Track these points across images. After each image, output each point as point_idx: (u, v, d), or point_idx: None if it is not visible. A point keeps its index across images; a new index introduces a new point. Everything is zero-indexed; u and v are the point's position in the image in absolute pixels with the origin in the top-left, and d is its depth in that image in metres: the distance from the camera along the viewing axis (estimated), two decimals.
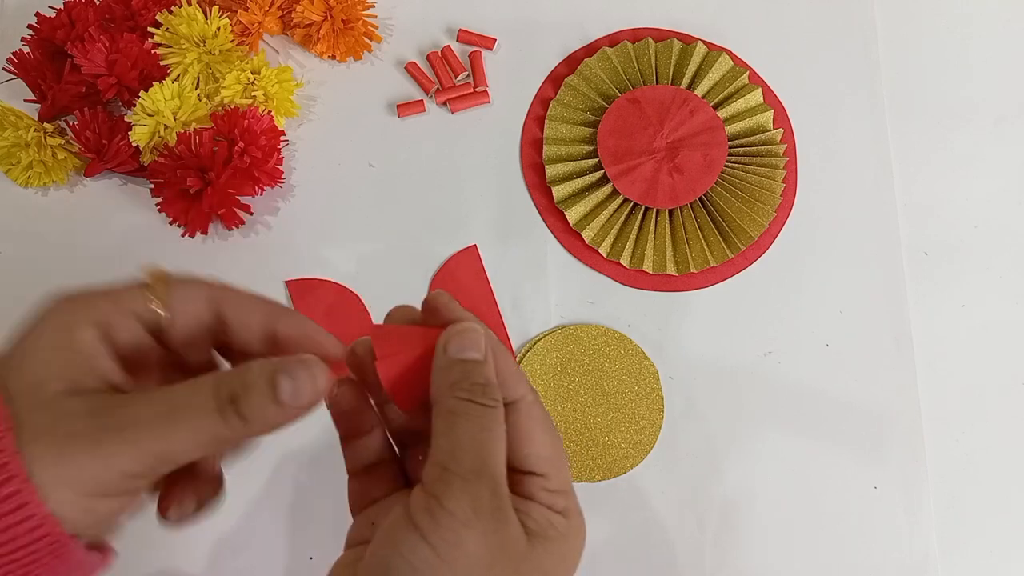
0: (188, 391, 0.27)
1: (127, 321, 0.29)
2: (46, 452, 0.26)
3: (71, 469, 0.25)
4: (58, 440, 0.26)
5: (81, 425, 0.26)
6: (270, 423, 0.28)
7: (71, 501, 0.26)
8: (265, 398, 0.27)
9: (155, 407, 0.27)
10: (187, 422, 0.27)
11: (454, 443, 0.28)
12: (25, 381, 0.27)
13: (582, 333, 0.52)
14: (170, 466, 0.27)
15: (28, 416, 0.26)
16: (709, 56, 0.56)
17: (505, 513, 0.28)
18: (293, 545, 0.49)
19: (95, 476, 0.26)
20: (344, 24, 0.55)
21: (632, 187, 0.53)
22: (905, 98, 0.57)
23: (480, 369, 0.29)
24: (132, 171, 0.54)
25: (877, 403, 0.52)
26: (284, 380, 0.27)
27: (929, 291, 0.54)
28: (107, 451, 0.26)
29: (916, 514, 0.51)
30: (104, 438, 0.26)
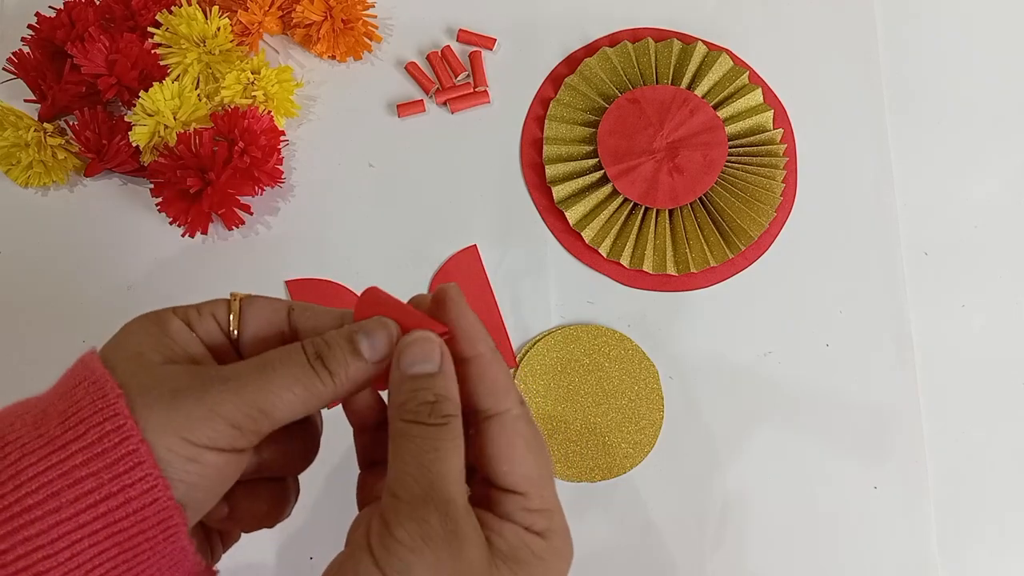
0: (280, 351, 0.29)
1: (207, 322, 0.31)
2: (154, 403, 0.27)
3: (178, 417, 0.27)
4: (165, 394, 0.27)
5: (185, 381, 0.28)
6: (353, 377, 0.29)
7: (179, 448, 0.27)
8: (346, 353, 0.29)
9: (252, 364, 0.29)
10: (283, 373, 0.28)
11: (400, 468, 0.28)
12: (124, 354, 0.29)
13: (582, 333, 0.52)
14: (270, 421, 0.28)
15: (132, 379, 0.28)
16: (709, 56, 0.56)
17: (460, 535, 0.27)
18: (293, 545, 0.49)
19: (201, 423, 0.27)
20: (344, 24, 0.55)
21: (632, 187, 0.53)
22: (905, 98, 0.57)
23: (430, 384, 0.29)
24: (132, 171, 0.54)
25: (877, 403, 0.52)
26: (362, 338, 0.30)
27: (929, 291, 0.54)
28: (212, 399, 0.27)
29: (916, 514, 0.51)
30: (209, 387, 0.28)
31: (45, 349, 0.52)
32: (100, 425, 0.26)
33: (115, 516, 0.26)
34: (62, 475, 0.26)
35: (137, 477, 0.26)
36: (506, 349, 0.52)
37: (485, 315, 0.53)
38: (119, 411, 0.26)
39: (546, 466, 0.30)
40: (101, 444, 0.26)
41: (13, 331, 0.53)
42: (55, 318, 0.53)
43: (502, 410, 0.29)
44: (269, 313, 0.32)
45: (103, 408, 0.27)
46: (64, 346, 0.52)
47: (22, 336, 0.52)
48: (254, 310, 0.32)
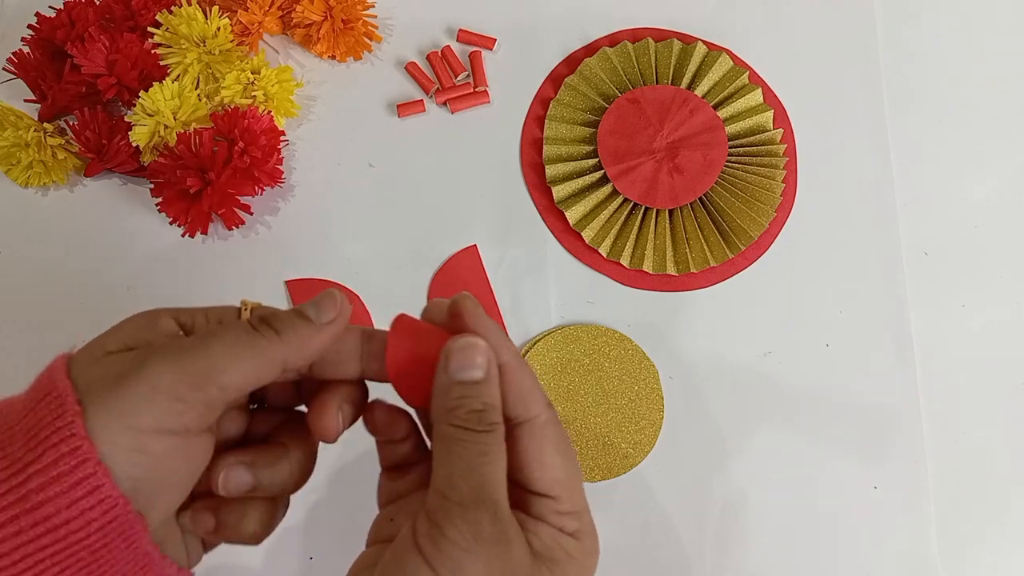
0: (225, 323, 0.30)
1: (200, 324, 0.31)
2: (98, 395, 0.27)
3: (120, 403, 0.26)
4: (109, 382, 0.27)
5: (129, 363, 0.27)
6: (302, 337, 0.29)
7: (122, 440, 0.26)
8: (293, 316, 0.29)
9: (195, 335, 0.29)
10: (223, 339, 0.28)
11: (451, 471, 0.28)
12: (91, 353, 0.28)
13: (582, 333, 0.52)
14: (217, 387, 0.28)
15: (84, 376, 0.27)
16: (709, 56, 0.56)
17: (508, 536, 0.28)
18: (293, 545, 0.49)
19: (143, 403, 0.26)
20: (344, 24, 0.55)
21: (632, 187, 0.53)
22: (905, 98, 0.57)
23: (478, 392, 0.29)
24: (132, 171, 0.54)
25: (877, 403, 0.52)
26: (308, 305, 0.30)
27: (929, 291, 0.54)
28: (150, 372, 0.27)
29: (916, 514, 0.51)
30: (148, 363, 0.27)
31: (45, 349, 0.52)
32: (57, 447, 0.26)
33: (76, 537, 0.26)
34: (19, 500, 0.26)
35: (96, 500, 0.26)
36: None
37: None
38: (76, 431, 0.26)
39: (574, 468, 0.31)
40: (57, 467, 0.26)
41: (13, 331, 0.53)
42: (55, 318, 0.53)
43: (531, 416, 0.30)
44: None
45: (61, 427, 0.26)
46: (64, 346, 0.52)
47: (22, 336, 0.52)
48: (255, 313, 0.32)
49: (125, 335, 0.29)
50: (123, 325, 0.30)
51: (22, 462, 0.26)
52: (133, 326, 0.30)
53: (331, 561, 0.49)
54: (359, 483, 0.50)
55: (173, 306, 0.33)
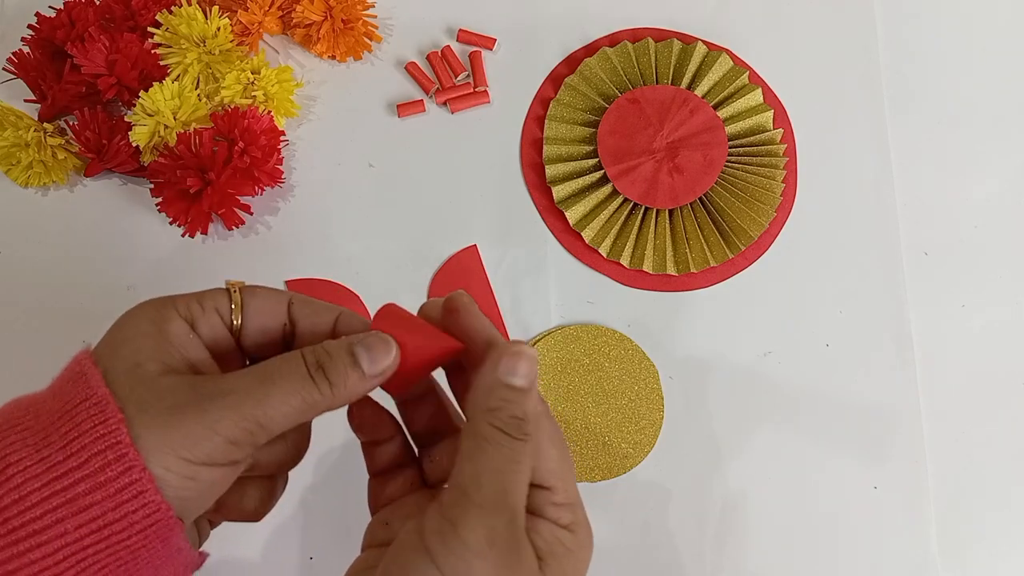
0: (280, 361, 0.30)
1: (210, 317, 0.31)
2: (152, 422, 0.27)
3: (177, 436, 0.27)
4: (163, 412, 0.27)
5: (184, 397, 0.28)
6: (352, 389, 0.30)
7: (176, 468, 0.27)
8: (346, 365, 0.30)
9: (252, 376, 0.29)
10: (283, 386, 0.29)
11: (479, 470, 0.28)
12: (123, 364, 0.29)
13: (582, 333, 0.52)
14: (267, 433, 0.29)
15: (130, 394, 0.28)
16: (709, 56, 0.56)
17: (520, 544, 0.28)
18: (293, 545, 0.49)
19: (200, 442, 0.27)
20: (344, 24, 0.55)
21: (632, 187, 0.53)
22: (905, 98, 0.57)
23: (521, 400, 0.29)
24: (132, 171, 0.54)
25: (877, 403, 0.52)
26: (361, 351, 0.30)
27: (929, 291, 0.54)
28: (211, 417, 0.27)
29: (916, 514, 0.51)
30: (208, 406, 0.28)
31: (45, 349, 0.52)
32: (102, 454, 0.27)
33: (118, 537, 0.27)
34: (67, 502, 0.27)
35: (140, 504, 0.27)
36: None
37: (485, 315, 0.53)
38: (121, 439, 0.27)
39: (567, 460, 0.31)
40: (104, 473, 0.27)
41: (13, 331, 0.53)
42: (55, 318, 0.53)
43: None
44: (271, 305, 0.32)
45: (105, 435, 0.27)
46: (64, 346, 0.52)
47: (22, 336, 0.52)
48: (256, 303, 0.32)
49: (151, 346, 0.29)
50: (129, 330, 0.30)
51: (64, 466, 0.27)
52: (142, 336, 0.30)
53: (331, 561, 0.49)
54: (358, 483, 0.50)
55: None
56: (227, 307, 0.32)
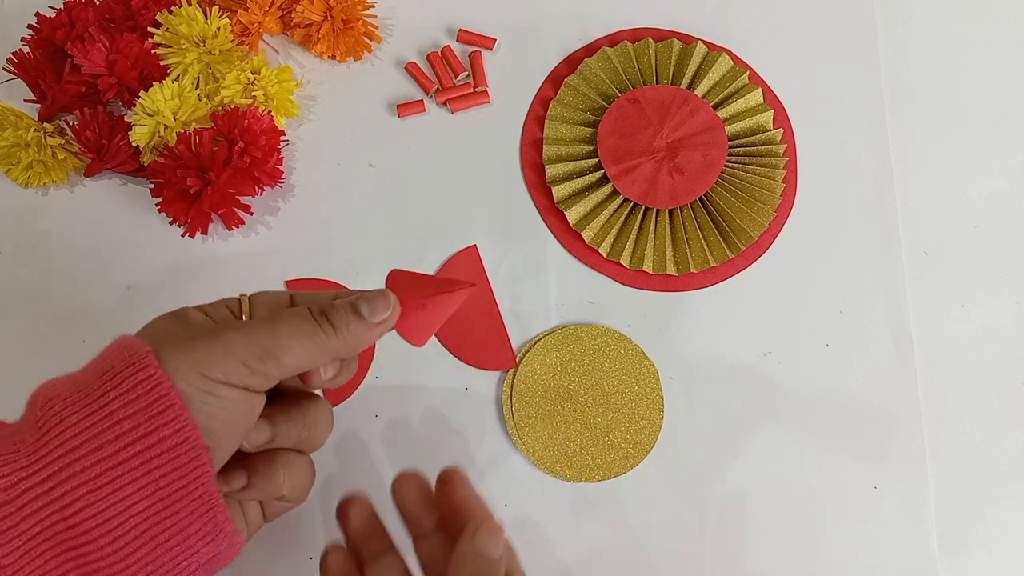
0: (289, 310, 0.34)
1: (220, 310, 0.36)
2: (176, 348, 0.31)
3: (195, 355, 0.31)
4: (184, 340, 0.32)
5: (204, 331, 0.33)
6: (355, 335, 0.34)
7: (197, 383, 0.31)
8: (349, 312, 0.34)
9: (262, 317, 0.34)
10: (288, 323, 0.33)
11: None
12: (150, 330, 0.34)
13: (582, 333, 0.52)
14: (277, 364, 0.32)
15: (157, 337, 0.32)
16: (709, 56, 0.56)
17: None
18: (293, 545, 0.49)
19: (216, 360, 0.31)
20: (344, 24, 0.55)
21: (632, 187, 0.53)
22: (905, 98, 0.57)
23: (493, 569, 0.33)
24: (132, 171, 0.54)
25: (877, 403, 0.52)
26: (363, 303, 0.35)
27: (929, 291, 0.54)
28: (224, 340, 0.32)
29: (916, 514, 0.51)
30: (222, 333, 0.32)
31: (45, 349, 0.52)
32: (133, 376, 0.30)
33: (151, 453, 0.29)
34: (102, 419, 0.29)
35: (170, 418, 0.30)
36: (506, 349, 0.52)
37: (485, 315, 0.53)
38: (149, 363, 0.30)
39: None
40: (135, 391, 0.30)
41: (13, 331, 0.53)
42: (55, 318, 0.53)
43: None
44: (275, 300, 0.37)
45: (135, 362, 0.30)
46: (64, 346, 0.52)
47: (22, 336, 0.52)
48: (262, 299, 0.37)
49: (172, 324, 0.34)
50: (155, 320, 0.34)
51: (100, 390, 0.30)
52: (167, 319, 0.34)
53: None
54: (358, 484, 0.50)
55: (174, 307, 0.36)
56: (236, 305, 0.36)
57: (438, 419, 0.51)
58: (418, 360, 0.52)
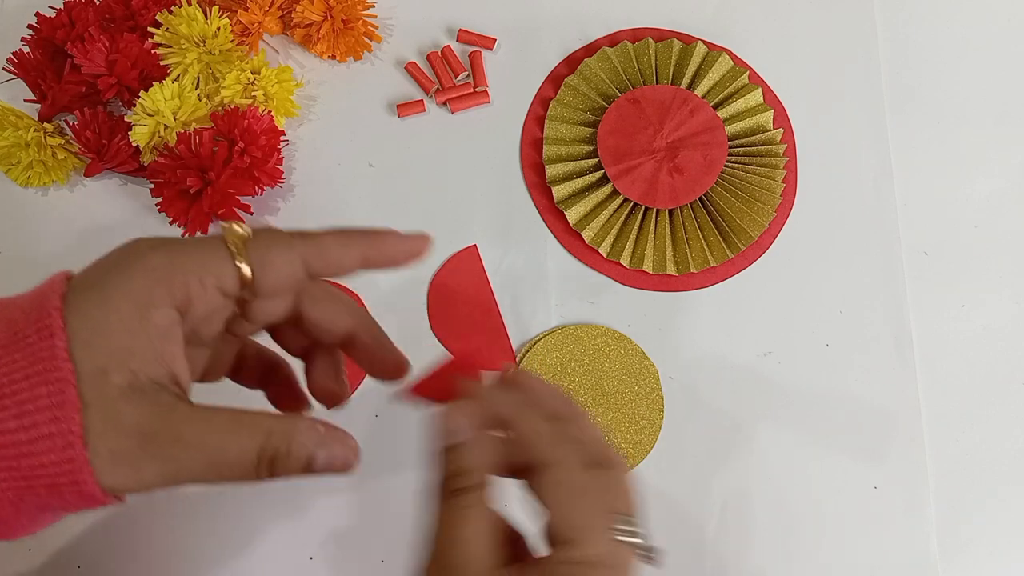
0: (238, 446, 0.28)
1: (208, 294, 0.29)
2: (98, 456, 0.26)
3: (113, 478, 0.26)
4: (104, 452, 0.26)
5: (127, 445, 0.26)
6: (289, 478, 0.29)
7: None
8: (300, 465, 0.29)
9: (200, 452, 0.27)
10: (224, 472, 0.28)
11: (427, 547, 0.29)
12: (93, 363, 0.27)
13: (582, 333, 0.52)
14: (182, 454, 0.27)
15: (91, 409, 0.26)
16: (709, 56, 0.56)
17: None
18: (293, 545, 0.49)
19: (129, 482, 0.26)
20: (344, 24, 0.55)
21: (632, 187, 0.53)
22: (905, 98, 0.57)
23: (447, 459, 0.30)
24: (132, 171, 0.54)
25: (877, 403, 0.52)
26: (322, 454, 0.29)
27: (929, 291, 0.54)
28: (142, 475, 0.27)
29: (916, 514, 0.50)
30: (144, 466, 0.27)
31: None
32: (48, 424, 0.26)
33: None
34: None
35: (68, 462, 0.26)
36: (506, 349, 0.52)
37: (485, 315, 0.53)
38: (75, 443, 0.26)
39: (596, 514, 0.30)
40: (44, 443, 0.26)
41: None
42: None
43: (549, 461, 0.30)
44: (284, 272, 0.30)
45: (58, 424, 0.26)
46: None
47: None
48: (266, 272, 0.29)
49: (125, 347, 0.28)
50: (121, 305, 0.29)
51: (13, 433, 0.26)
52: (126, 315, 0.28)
53: (331, 561, 0.49)
54: (358, 483, 0.50)
55: None
56: (232, 279, 0.29)
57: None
58: (418, 360, 0.52)
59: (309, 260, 0.30)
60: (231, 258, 0.29)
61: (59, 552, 0.49)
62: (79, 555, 0.49)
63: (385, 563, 0.49)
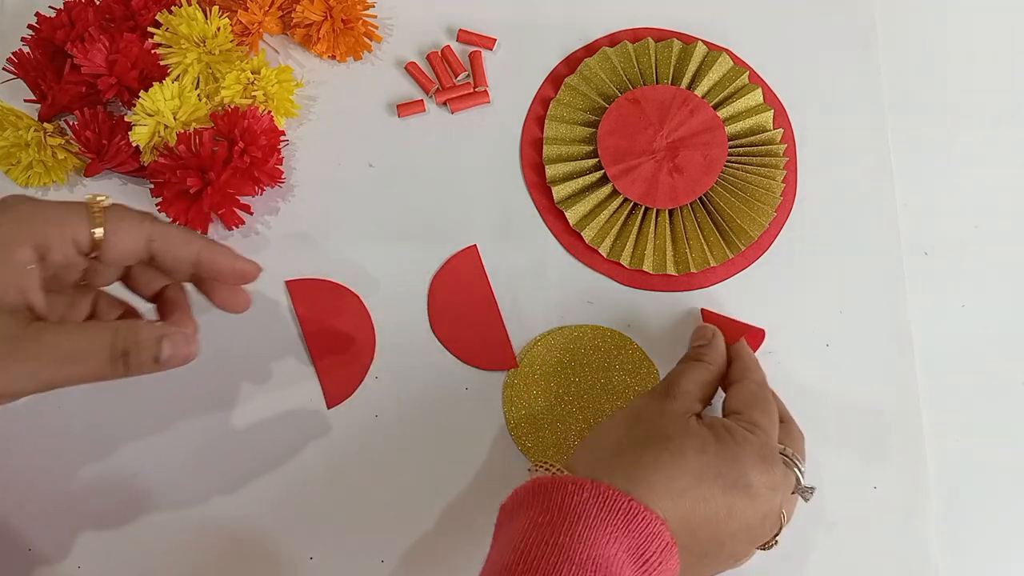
0: (89, 339, 0.34)
1: (65, 245, 0.35)
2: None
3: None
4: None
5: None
6: (144, 373, 0.35)
7: None
8: (149, 356, 0.35)
9: (58, 349, 0.33)
10: (82, 365, 0.34)
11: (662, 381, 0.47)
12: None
13: (582, 333, 0.52)
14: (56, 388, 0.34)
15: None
16: (709, 56, 0.56)
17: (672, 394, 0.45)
18: (293, 545, 0.49)
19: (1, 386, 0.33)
20: (344, 24, 0.55)
21: (632, 187, 0.53)
22: (905, 98, 0.57)
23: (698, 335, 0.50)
24: (132, 171, 0.54)
25: (877, 403, 0.52)
26: (167, 345, 0.36)
27: (929, 291, 0.54)
28: (11, 375, 0.33)
29: (916, 514, 0.50)
30: (10, 367, 0.33)
31: None
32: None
33: None
34: None
35: None
36: (506, 349, 0.52)
37: (485, 315, 0.53)
38: None
39: (762, 409, 0.44)
40: None
41: None
42: None
43: (754, 379, 0.47)
44: (130, 243, 0.36)
45: None
46: None
47: None
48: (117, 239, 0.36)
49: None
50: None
51: None
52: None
53: (331, 561, 0.49)
54: (359, 483, 0.50)
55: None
56: (86, 238, 0.35)
57: (438, 419, 0.51)
58: (418, 360, 0.52)
59: (153, 240, 0.37)
60: (88, 221, 0.35)
61: (59, 552, 0.49)
62: (79, 555, 0.49)
63: (385, 563, 0.49)
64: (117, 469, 0.50)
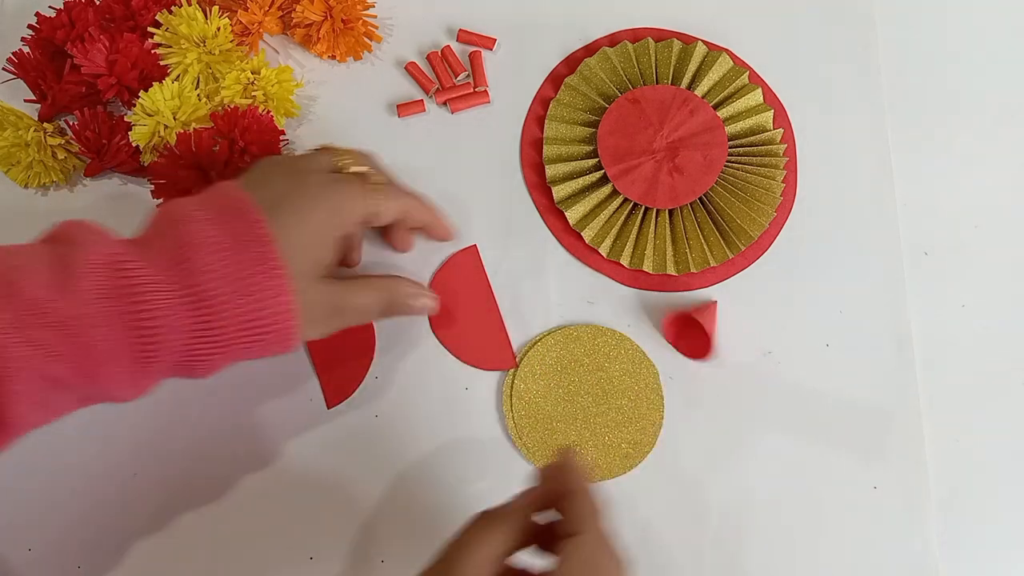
0: (371, 297, 0.47)
1: (358, 228, 0.47)
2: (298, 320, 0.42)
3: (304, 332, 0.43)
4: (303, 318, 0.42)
5: (315, 313, 0.43)
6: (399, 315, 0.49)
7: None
8: (404, 310, 0.48)
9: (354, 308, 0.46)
10: (364, 317, 0.48)
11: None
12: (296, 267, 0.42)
13: (582, 333, 0.52)
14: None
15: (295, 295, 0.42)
16: (709, 56, 0.56)
17: None
18: (293, 545, 0.49)
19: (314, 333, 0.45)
20: (344, 24, 0.55)
21: (632, 187, 0.53)
22: (905, 98, 0.57)
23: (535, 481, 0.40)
24: (132, 171, 0.54)
25: (877, 403, 0.52)
26: (415, 303, 0.49)
27: (929, 291, 0.54)
28: (321, 328, 0.45)
29: (916, 514, 0.50)
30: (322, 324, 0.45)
31: None
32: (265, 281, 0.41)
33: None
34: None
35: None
36: (506, 349, 0.52)
37: (485, 315, 0.53)
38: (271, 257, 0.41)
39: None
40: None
41: None
42: None
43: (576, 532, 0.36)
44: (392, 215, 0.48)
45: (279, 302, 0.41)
46: None
47: None
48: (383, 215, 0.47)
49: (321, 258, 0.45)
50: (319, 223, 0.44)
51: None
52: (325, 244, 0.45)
53: (331, 561, 0.49)
54: (359, 483, 0.50)
55: None
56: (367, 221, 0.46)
57: (438, 419, 0.51)
58: (418, 360, 0.52)
59: (405, 211, 0.49)
60: (368, 204, 0.45)
61: (59, 552, 0.49)
62: (79, 555, 0.49)
63: (385, 563, 0.49)
64: (117, 469, 0.50)
